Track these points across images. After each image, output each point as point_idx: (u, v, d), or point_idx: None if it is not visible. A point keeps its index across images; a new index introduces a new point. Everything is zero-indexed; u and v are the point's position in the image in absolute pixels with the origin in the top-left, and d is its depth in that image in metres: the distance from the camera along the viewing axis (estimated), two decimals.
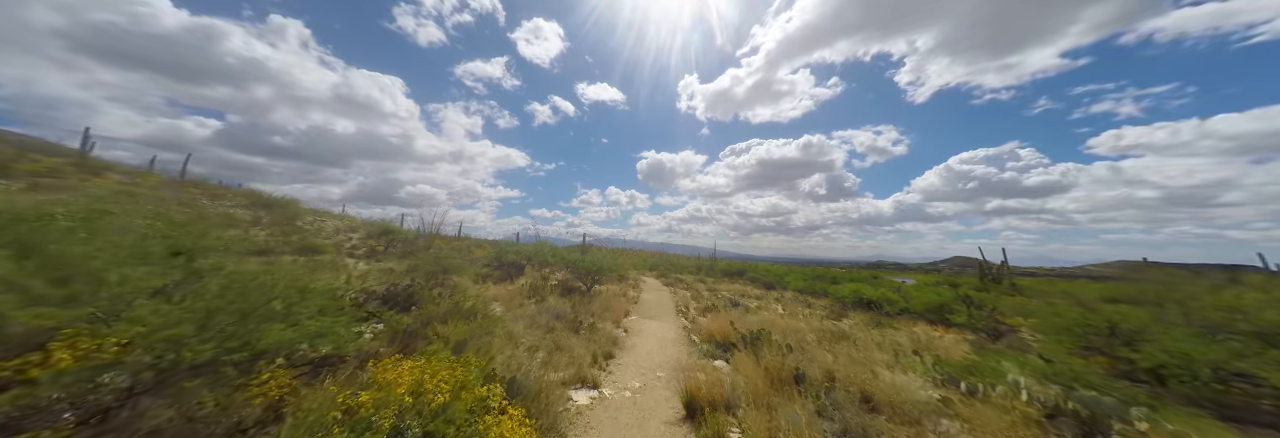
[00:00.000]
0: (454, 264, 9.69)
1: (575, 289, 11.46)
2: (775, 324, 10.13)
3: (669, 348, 7.47)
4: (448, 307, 6.57)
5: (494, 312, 7.54)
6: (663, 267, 29.75)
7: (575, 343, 6.66)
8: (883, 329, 11.73)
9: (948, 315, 14.60)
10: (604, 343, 6.94)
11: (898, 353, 8.12)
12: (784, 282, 26.18)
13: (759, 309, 13.63)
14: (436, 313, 6.17)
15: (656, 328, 9.25)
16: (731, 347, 7.10)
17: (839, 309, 16.45)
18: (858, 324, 12.26)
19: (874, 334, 10.65)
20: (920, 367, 7.04)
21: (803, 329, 10.02)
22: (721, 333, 7.86)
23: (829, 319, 13.94)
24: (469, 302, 6.86)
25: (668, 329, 9.19)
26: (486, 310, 7.22)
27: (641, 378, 5.79)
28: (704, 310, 12.01)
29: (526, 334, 6.96)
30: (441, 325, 5.60)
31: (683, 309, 12.04)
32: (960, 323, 12.63)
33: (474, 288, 10.65)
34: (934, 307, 16.38)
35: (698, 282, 22.32)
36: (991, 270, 27.91)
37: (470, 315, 6.64)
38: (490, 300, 9.25)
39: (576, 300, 10.05)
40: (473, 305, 7.00)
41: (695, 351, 7.31)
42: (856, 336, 9.94)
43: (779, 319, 10.99)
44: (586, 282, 12.10)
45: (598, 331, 7.76)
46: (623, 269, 18.42)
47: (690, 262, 36.10)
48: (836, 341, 9.40)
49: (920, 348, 9.43)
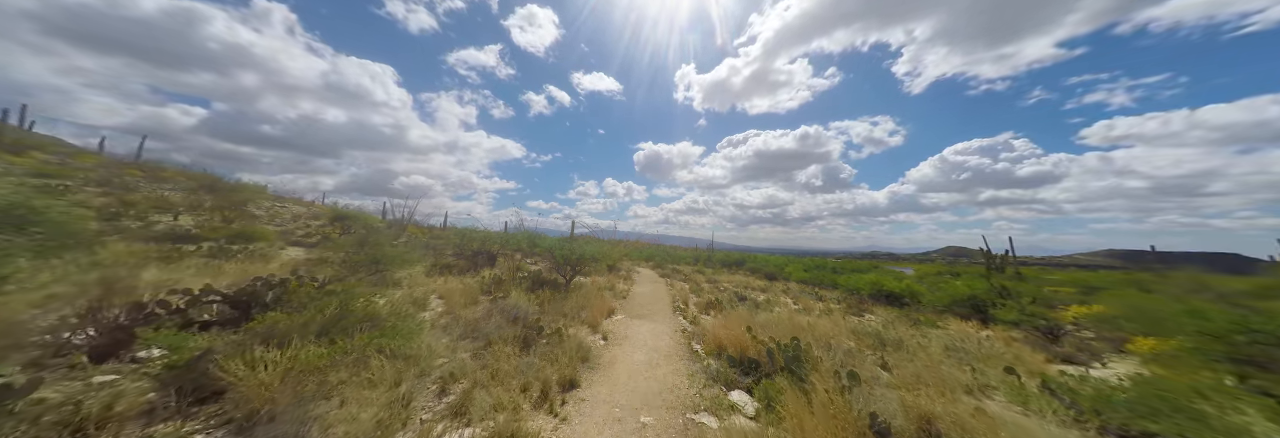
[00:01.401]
0: (388, 253, 7.26)
1: (550, 282, 9.03)
2: (797, 325, 7.74)
3: (662, 367, 5.05)
4: (333, 313, 4.16)
5: (416, 317, 5.10)
6: (659, 257, 27.38)
7: (523, 366, 4.25)
8: (921, 328, 9.37)
9: (992, 311, 12.23)
10: (568, 361, 4.54)
11: (973, 367, 5.73)
12: (785, 272, 23.87)
13: (769, 304, 11.24)
14: (295, 324, 3.74)
15: (647, 333, 6.84)
16: (754, 367, 4.70)
17: (856, 303, 14.11)
18: (889, 322, 9.89)
19: (915, 335, 8.27)
20: (1025, 392, 4.66)
21: (832, 332, 7.64)
22: (736, 343, 5.45)
23: (851, 315, 11.58)
24: (361, 304, 4.43)
25: (661, 334, 6.78)
26: (402, 316, 4.80)
27: (613, 431, 3.39)
28: (706, 307, 9.62)
29: (452, 352, 4.54)
30: (281, 349, 3.17)
31: (681, 306, 9.64)
32: (1010, 320, 10.27)
33: (425, 282, 8.23)
34: (963, 299, 14.04)
35: (696, 273, 19.95)
36: (996, 260, 25.65)
37: (365, 324, 4.23)
38: (426, 299, 6.81)
39: (547, 297, 7.62)
40: (373, 310, 4.57)
41: (700, 371, 4.89)
42: (900, 338, 7.56)
43: (798, 318, 8.60)
44: (565, 273, 9.66)
45: (565, 340, 5.35)
46: (613, 258, 15.99)
47: (688, 253, 33.79)
48: (879, 347, 7.02)
49: (983, 354, 7.07)
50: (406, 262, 7.66)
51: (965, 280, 15.22)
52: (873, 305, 13.57)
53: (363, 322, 4.30)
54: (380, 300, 5.07)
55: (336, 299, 4.31)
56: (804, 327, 7.73)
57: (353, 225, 13.01)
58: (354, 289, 4.71)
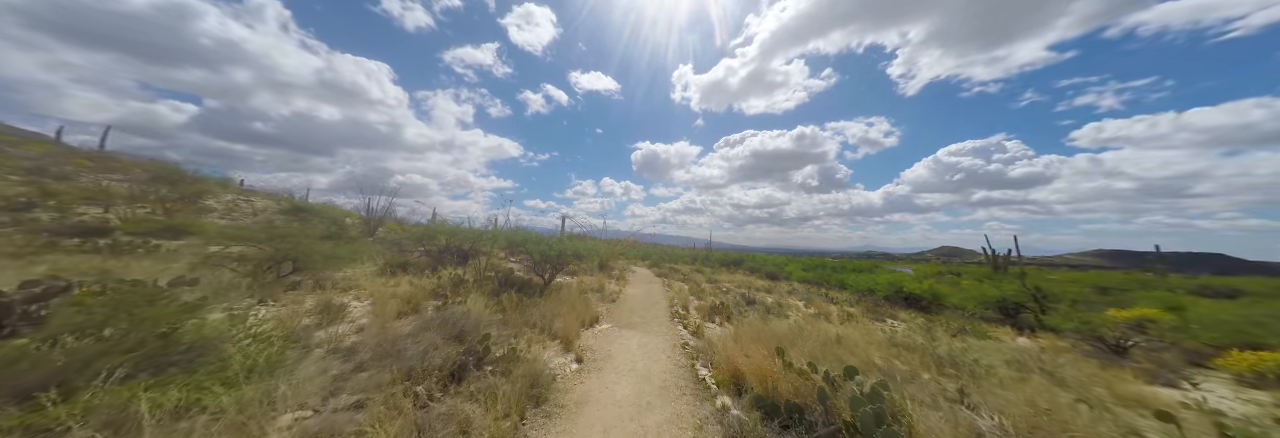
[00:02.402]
0: (312, 248, 5.59)
1: (523, 284, 7.33)
2: (825, 337, 6.06)
3: (655, 411, 3.35)
4: (116, 337, 2.49)
5: (279, 341, 3.40)
6: (656, 256, 25.71)
7: (430, 419, 2.58)
8: (964, 338, 7.70)
9: (1038, 316, 10.55)
10: (510, 405, 2.87)
11: (1087, 402, 4.04)
12: (785, 272, 22.22)
13: (781, 308, 9.55)
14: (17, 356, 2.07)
15: (638, 350, 5.14)
16: (796, 416, 3.02)
17: (873, 306, 12.45)
18: (925, 330, 8.21)
19: (965, 348, 6.59)
20: None
21: (865, 345, 5.96)
22: (760, 373, 3.75)
23: (874, 320, 9.90)
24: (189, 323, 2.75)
25: (656, 352, 5.08)
26: (260, 340, 3.12)
27: None
28: (710, 312, 7.91)
29: (324, 397, 2.85)
30: None
31: (681, 311, 7.94)
32: (1069, 328, 8.57)
33: (369, 283, 6.52)
34: (992, 302, 12.37)
35: (695, 272, 18.25)
36: (998, 260, 24.00)
37: (186, 354, 2.56)
38: (343, 309, 5.08)
39: (514, 302, 5.92)
40: (209, 331, 2.88)
41: (712, 420, 3.20)
42: (955, 353, 5.88)
43: (822, 327, 6.92)
44: (543, 272, 7.96)
45: (520, 365, 3.67)
46: (607, 256, 14.29)
47: (685, 252, 32.14)
48: (938, 367, 5.34)
49: (1060, 375, 5.39)
50: (339, 259, 5.96)
51: (992, 282, 13.57)
52: (892, 309, 11.91)
53: (183, 351, 2.62)
54: (216, 317, 3.33)
55: (129, 316, 2.61)
56: (833, 339, 6.05)
57: (312, 219, 11.30)
58: (177, 298, 3.00)
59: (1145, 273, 20.20)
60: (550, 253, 7.48)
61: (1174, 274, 21.09)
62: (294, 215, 11.23)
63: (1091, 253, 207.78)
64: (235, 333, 2.94)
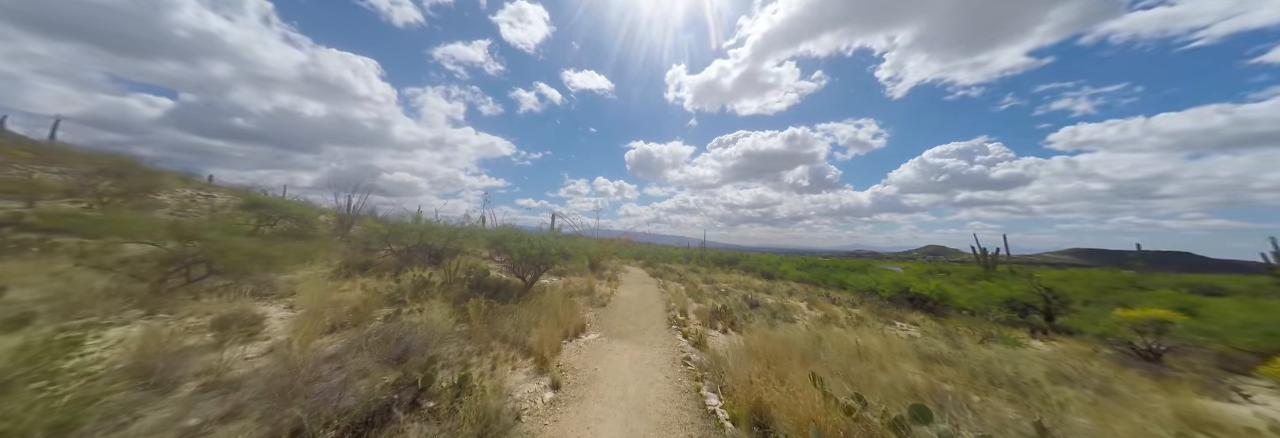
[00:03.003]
0: (231, 247, 4.53)
1: (499, 287, 6.31)
2: (843, 345, 5.16)
3: None
4: None
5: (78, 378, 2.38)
6: (650, 256, 24.76)
7: None
8: (989, 344, 6.85)
9: (1048, 317, 9.79)
10: None
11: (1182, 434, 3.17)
12: (780, 271, 21.43)
13: (786, 311, 8.64)
14: None
15: (629, 369, 4.16)
16: None
17: (879, 308, 11.62)
18: (947, 336, 7.35)
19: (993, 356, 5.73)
20: None
21: (888, 355, 5.07)
22: (790, 409, 2.80)
23: (884, 323, 9.05)
24: None
25: (652, 370, 4.11)
26: None
27: None
28: (712, 317, 6.95)
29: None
30: None
31: (679, 316, 6.98)
32: (1096, 332, 7.79)
33: (315, 287, 5.46)
34: (1001, 302, 11.61)
35: (691, 272, 17.34)
36: (987, 258, 23.45)
37: None
38: (259, 321, 4.03)
39: (482, 310, 4.90)
40: None
41: None
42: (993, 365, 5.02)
43: (842, 335, 6.01)
44: (524, 273, 6.95)
45: (470, 399, 2.69)
46: (598, 256, 13.29)
47: (680, 251, 31.26)
48: (984, 385, 4.45)
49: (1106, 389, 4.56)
50: (270, 260, 4.89)
51: (1000, 281, 12.83)
52: (898, 311, 11.09)
53: None
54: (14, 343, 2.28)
55: None
56: (854, 350, 5.14)
57: (271, 214, 10.13)
58: None
59: (1125, 271, 19.64)
60: (531, 252, 6.47)
61: (1155, 272, 20.65)
62: (250, 211, 10.05)
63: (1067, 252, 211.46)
64: (23, 371, 1.91)
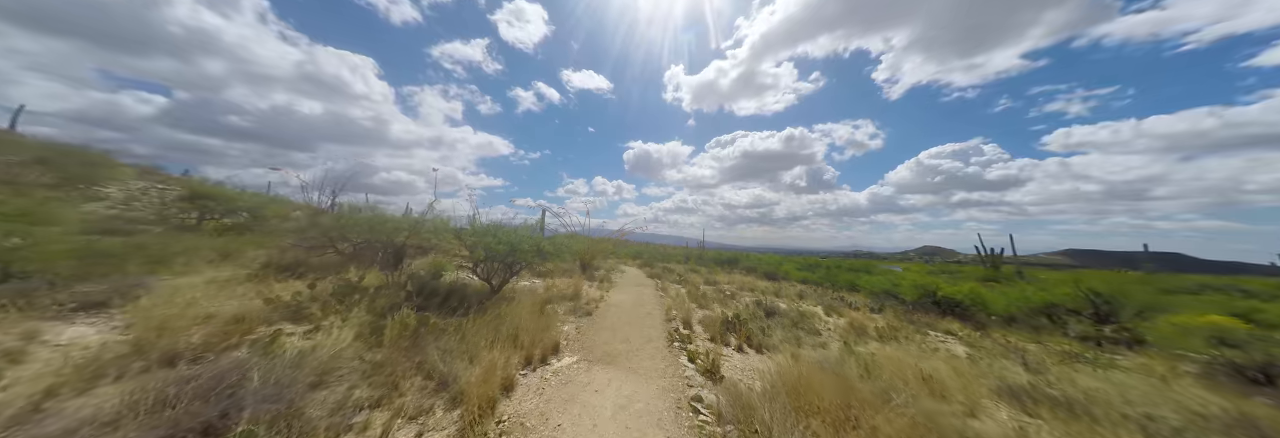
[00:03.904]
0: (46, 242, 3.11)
1: (453, 293, 4.86)
2: (904, 372, 3.74)
3: None
4: None
5: None
6: (648, 255, 23.35)
7: None
8: (1071, 366, 5.44)
9: (1096, 326, 8.34)
10: None
11: None
12: (783, 271, 20.01)
13: (805, 319, 7.21)
14: None
15: (611, 420, 2.73)
16: None
17: (903, 312, 10.20)
18: (1008, 353, 5.93)
19: (1097, 387, 4.31)
20: None
21: (971, 391, 3.65)
22: None
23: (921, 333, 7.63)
24: None
25: (646, 425, 2.69)
26: None
27: None
28: (721, 329, 5.49)
29: None
30: None
31: (682, 329, 5.55)
32: (1175, 346, 6.37)
33: (203, 294, 4.02)
34: (1039, 309, 10.21)
35: (691, 272, 15.91)
36: (992, 258, 22.10)
37: None
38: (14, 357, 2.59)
39: (411, 326, 3.47)
40: None
41: None
42: (1108, 404, 3.60)
43: (895, 356, 4.58)
44: (492, 275, 5.51)
45: None
46: (589, 255, 11.86)
47: (679, 251, 29.86)
48: None
49: None
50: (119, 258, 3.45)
51: (1037, 287, 11.42)
52: (925, 316, 9.67)
53: None
54: None
55: None
56: (918, 377, 3.70)
57: (214, 207, 8.69)
58: None
59: (1131, 272, 18.23)
60: (497, 249, 5.03)
61: (1163, 273, 19.28)
62: (190, 203, 8.61)
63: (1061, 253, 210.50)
64: None
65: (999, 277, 18.20)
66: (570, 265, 11.41)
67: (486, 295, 5.28)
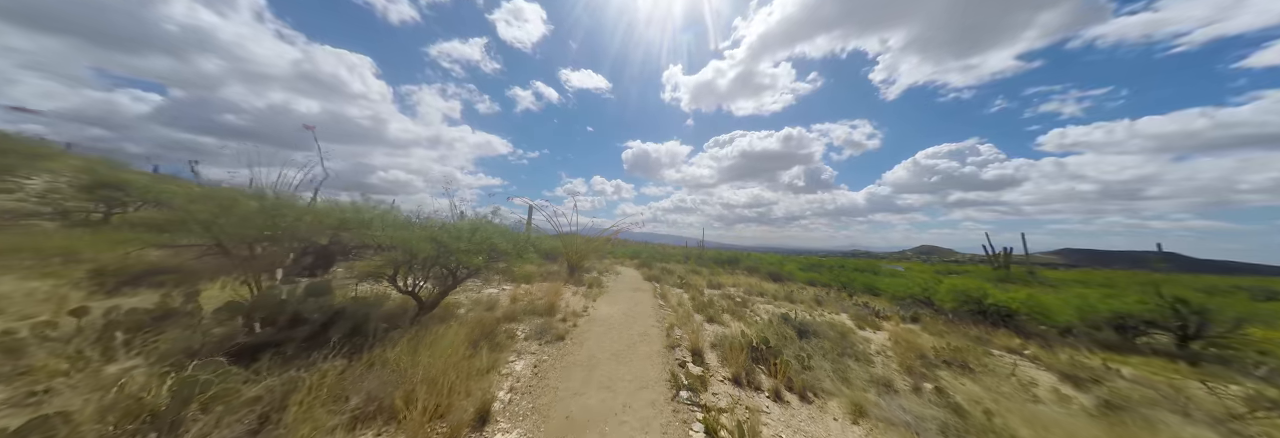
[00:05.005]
0: None
1: (345, 318, 3.19)
2: None
3: None
4: None
5: None
6: (646, 255, 21.68)
7: None
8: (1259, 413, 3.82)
9: (1186, 340, 6.66)
10: None
11: None
12: (786, 271, 18.32)
13: (847, 341, 5.54)
14: None
15: None
16: None
17: (950, 323, 8.54)
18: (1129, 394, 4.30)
19: None
20: None
21: None
22: None
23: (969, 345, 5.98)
24: None
25: None
26: None
27: None
28: (744, 359, 3.83)
29: None
30: None
31: (687, 358, 3.90)
32: None
33: None
34: (1110, 319, 8.54)
35: (692, 273, 14.22)
36: (999, 258, 20.49)
37: None
38: None
39: (173, 401, 1.84)
40: None
41: None
42: None
43: (1004, 401, 2.93)
44: (415, 285, 3.83)
45: None
46: (577, 256, 10.18)
47: (678, 250, 28.19)
48: None
49: None
50: None
51: (1108, 289, 9.74)
52: (973, 328, 8.00)
53: None
54: None
55: None
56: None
57: (123, 199, 7.00)
58: None
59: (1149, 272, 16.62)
60: (420, 248, 3.37)
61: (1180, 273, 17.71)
62: (90, 193, 6.92)
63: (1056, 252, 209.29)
64: None
65: (1010, 277, 16.58)
66: (558, 268, 9.74)
67: (413, 315, 3.61)
